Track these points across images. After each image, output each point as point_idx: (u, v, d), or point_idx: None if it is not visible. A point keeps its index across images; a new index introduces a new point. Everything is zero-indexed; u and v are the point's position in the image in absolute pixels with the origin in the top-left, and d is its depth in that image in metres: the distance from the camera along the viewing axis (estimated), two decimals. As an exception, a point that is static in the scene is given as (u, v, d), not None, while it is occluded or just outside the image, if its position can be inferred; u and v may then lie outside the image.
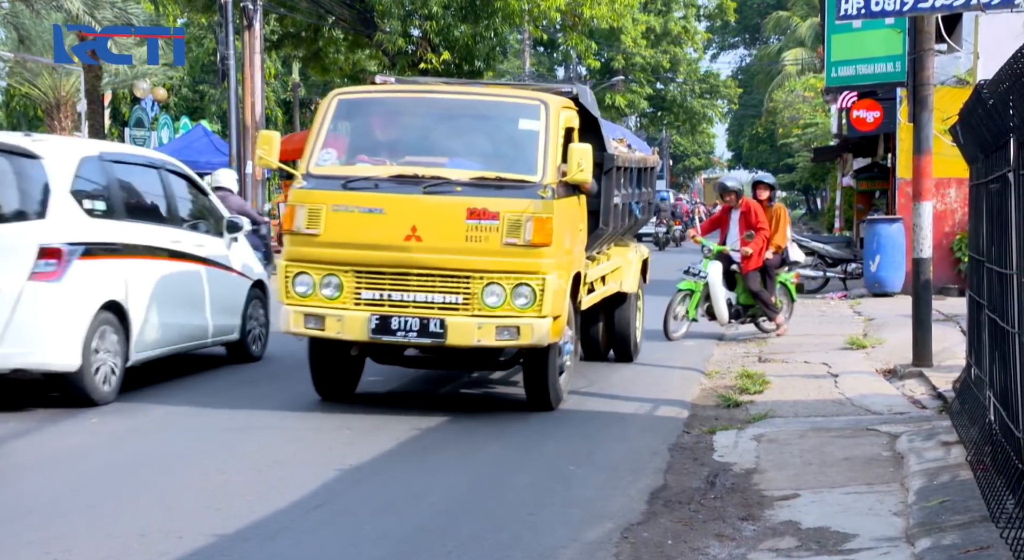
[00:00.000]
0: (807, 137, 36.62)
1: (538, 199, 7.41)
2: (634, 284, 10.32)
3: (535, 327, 7.34)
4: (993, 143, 5.71)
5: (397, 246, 7.40)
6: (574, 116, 8.35)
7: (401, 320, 7.40)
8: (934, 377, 8.90)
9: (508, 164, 7.76)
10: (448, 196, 7.45)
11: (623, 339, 10.32)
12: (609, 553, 4.97)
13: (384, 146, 8.22)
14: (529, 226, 7.35)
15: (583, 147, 7.71)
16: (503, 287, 7.35)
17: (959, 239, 15.08)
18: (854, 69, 15.60)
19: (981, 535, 4.67)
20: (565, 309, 7.64)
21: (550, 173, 7.57)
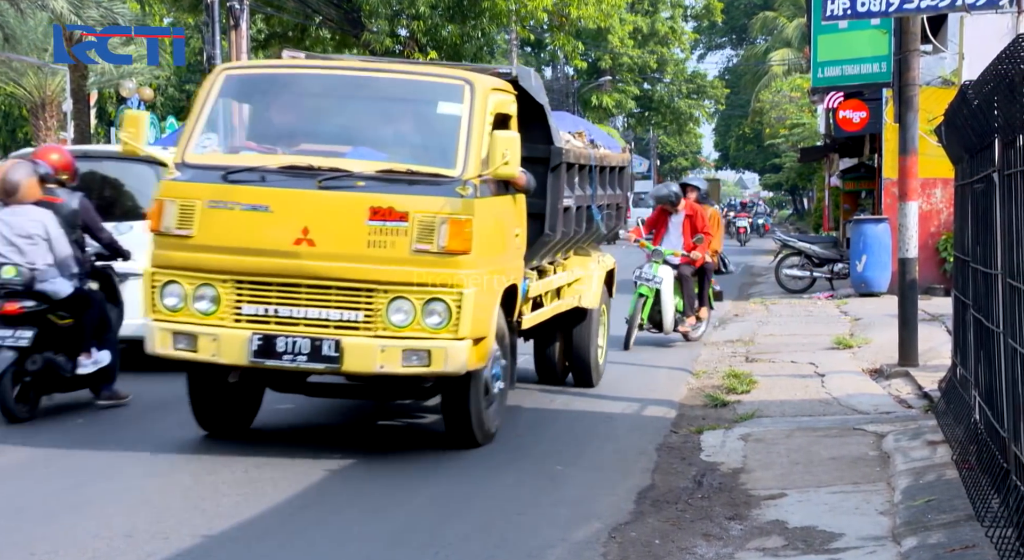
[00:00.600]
0: (794, 137, 36.72)
1: (456, 198, 6.21)
2: (596, 299, 9.02)
3: (449, 351, 6.13)
4: (978, 143, 5.74)
5: (285, 251, 6.22)
6: (510, 102, 7.14)
7: (289, 341, 6.17)
8: (920, 377, 8.94)
9: (422, 155, 6.63)
10: (348, 192, 6.28)
11: (582, 361, 8.98)
12: (597, 553, 4.97)
13: (276, 131, 7.04)
14: (444, 229, 6.16)
15: (508, 135, 6.49)
16: (412, 302, 6.14)
17: (945, 239, 15.14)
18: (840, 70, 15.66)
19: (967, 534, 4.70)
20: (491, 329, 6.49)
21: (472, 167, 6.34)
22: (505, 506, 5.74)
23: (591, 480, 6.30)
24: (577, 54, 27.71)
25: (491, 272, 6.52)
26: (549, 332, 8.80)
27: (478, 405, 6.65)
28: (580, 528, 5.33)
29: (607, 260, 9.60)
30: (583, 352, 8.95)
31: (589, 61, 43.45)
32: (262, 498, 5.71)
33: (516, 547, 5.03)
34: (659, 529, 5.34)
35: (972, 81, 5.47)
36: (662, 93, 49.98)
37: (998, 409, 5.08)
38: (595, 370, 9.11)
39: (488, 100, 6.70)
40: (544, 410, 8.28)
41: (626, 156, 10.35)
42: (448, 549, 4.99)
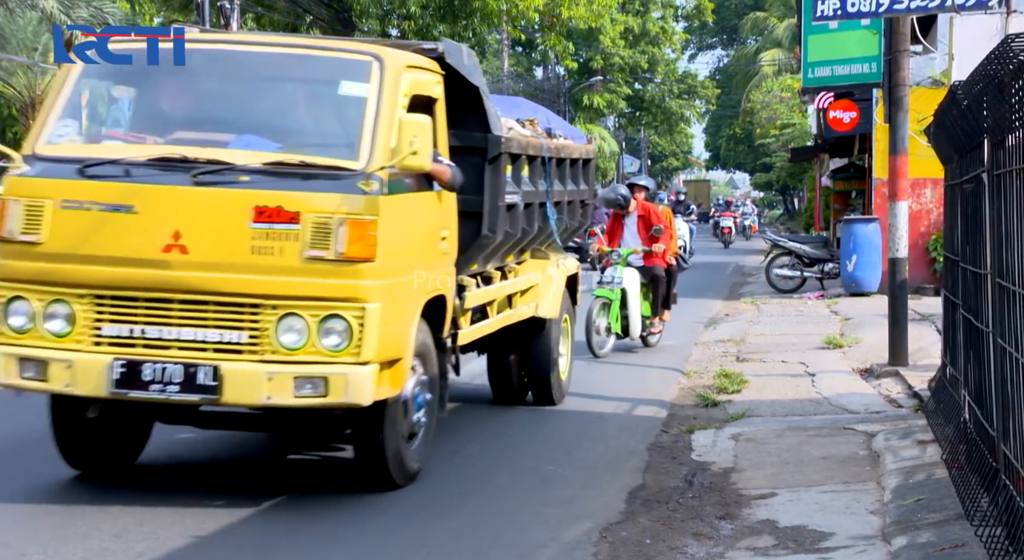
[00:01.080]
0: (784, 137, 36.79)
1: (357, 194, 5.28)
2: (555, 307, 8.11)
3: (350, 378, 5.19)
4: (967, 144, 5.76)
5: (153, 260, 5.27)
6: (433, 82, 6.21)
7: (157, 368, 5.21)
8: (910, 376, 8.96)
9: (320, 144, 5.72)
10: (228, 189, 5.34)
11: (541, 377, 8.12)
12: (588, 552, 4.98)
13: (147, 118, 6.03)
14: (342, 232, 5.22)
15: (416, 119, 5.50)
16: (305, 320, 5.21)
17: (934, 239, 15.18)
18: (830, 70, 15.69)
19: (956, 533, 4.71)
20: (407, 349, 5.58)
21: (380, 158, 5.41)
22: (496, 506, 5.74)
23: (582, 480, 6.31)
24: (568, 54, 27.76)
25: (406, 282, 5.62)
26: (503, 345, 8.02)
27: (394, 440, 5.68)
28: (571, 528, 5.34)
29: (569, 264, 8.70)
30: (542, 367, 8.10)
31: (580, 61, 43.49)
32: (248, 499, 5.69)
33: (507, 547, 5.04)
34: (650, 529, 5.35)
35: (962, 81, 5.49)
36: (653, 93, 50.02)
37: (987, 408, 5.09)
38: (556, 386, 8.26)
39: (401, 79, 5.73)
40: (535, 410, 8.28)
41: (590, 148, 9.37)
42: (439, 549, 4.99)
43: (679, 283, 12.42)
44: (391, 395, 5.52)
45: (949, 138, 6.37)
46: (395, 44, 6.53)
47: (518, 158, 7.20)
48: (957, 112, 5.69)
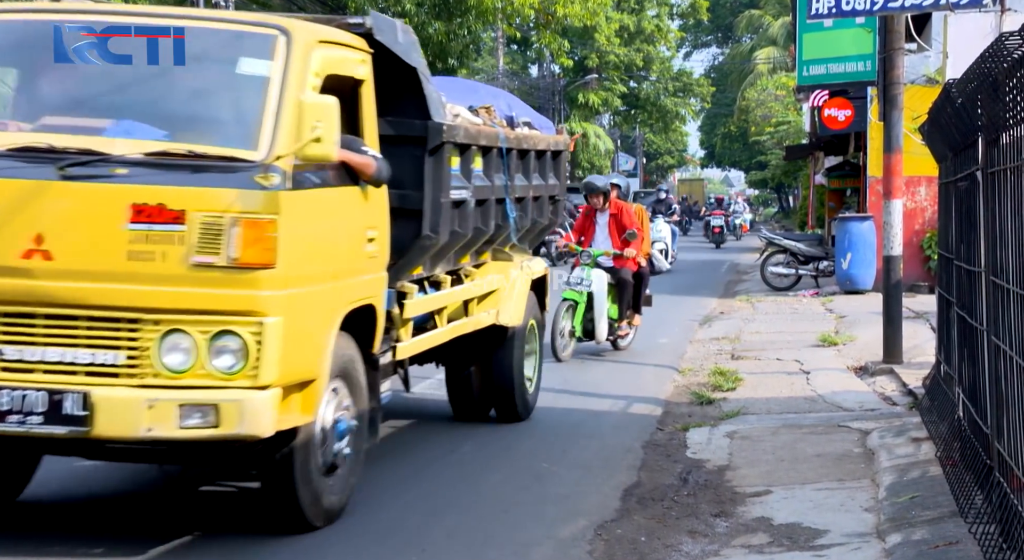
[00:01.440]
0: (779, 135, 36.82)
1: (254, 189, 4.56)
2: (518, 314, 7.42)
3: (246, 405, 4.48)
4: (962, 142, 5.77)
5: (11, 268, 4.56)
6: (357, 61, 5.39)
7: (15, 395, 4.47)
8: (904, 374, 8.98)
9: (214, 131, 4.89)
10: (101, 183, 4.59)
11: (504, 391, 7.45)
12: (583, 550, 4.98)
13: (9, 100, 5.19)
14: (235, 234, 4.50)
15: (320, 101, 4.77)
16: (193, 338, 4.50)
17: (929, 237, 15.21)
18: (825, 68, 15.71)
19: (950, 530, 4.72)
20: (321, 369, 4.88)
21: (282, 147, 4.66)
22: (491, 504, 5.74)
23: (577, 477, 6.31)
24: (563, 52, 27.73)
25: (318, 291, 4.90)
26: (462, 356, 7.36)
27: (308, 475, 4.92)
28: (566, 525, 5.34)
29: (535, 266, 7.94)
30: (505, 379, 7.41)
31: (575, 59, 43.50)
32: (248, 496, 5.68)
33: (502, 544, 5.04)
34: (645, 526, 5.35)
35: (956, 80, 5.50)
36: (648, 91, 50.03)
37: (981, 406, 5.10)
38: (522, 400, 7.58)
39: (312, 56, 4.94)
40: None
41: (562, 139, 8.50)
42: (434, 547, 4.99)
43: (673, 281, 12.38)
44: (302, 423, 4.81)
45: (943, 136, 6.38)
46: (316, 18, 5.70)
47: (467, 149, 6.41)
48: (951, 110, 5.70)
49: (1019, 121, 4.00)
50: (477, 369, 7.51)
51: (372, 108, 5.53)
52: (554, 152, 8.20)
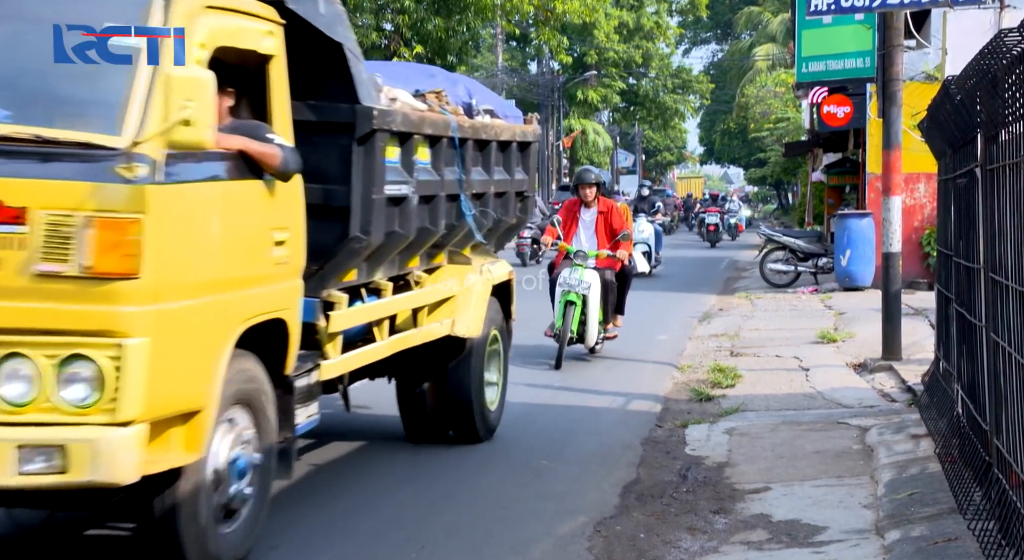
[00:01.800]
0: (778, 132, 36.84)
1: (114, 182, 3.80)
2: (476, 323, 6.62)
3: (101, 446, 3.76)
4: (961, 138, 5.77)
5: None
6: (261, 34, 4.59)
7: None
8: (903, 370, 8.98)
9: (69, 112, 4.09)
10: None
11: (460, 409, 6.65)
12: (582, 547, 4.99)
13: None
14: (88, 237, 3.77)
15: (192, 76, 3.96)
16: (35, 363, 3.80)
17: (928, 234, 15.21)
18: (824, 65, 15.71)
19: (949, 527, 4.72)
20: (208, 398, 4.12)
21: (152, 129, 3.88)
22: (490, 500, 5.74)
23: (576, 474, 6.31)
24: (562, 49, 27.72)
25: (202, 306, 4.09)
26: (414, 370, 6.62)
27: (195, 523, 4.19)
28: (565, 522, 5.35)
29: (498, 270, 7.10)
30: (462, 396, 6.63)
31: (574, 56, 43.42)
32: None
33: (501, 541, 5.04)
34: (644, 523, 5.35)
35: (955, 76, 5.50)
36: (647, 88, 50.04)
37: (980, 403, 5.11)
38: (482, 419, 6.80)
39: (197, 24, 4.14)
40: (529, 404, 8.29)
41: (531, 129, 7.54)
42: (433, 544, 4.99)
43: (671, 278, 12.32)
44: (186, 462, 4.07)
45: (942, 133, 6.37)
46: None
47: (409, 138, 5.58)
48: (950, 107, 5.70)
49: (1018, 118, 4.00)
50: (432, 385, 6.68)
51: (283, 89, 4.73)
52: (521, 144, 7.32)
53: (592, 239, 10.09)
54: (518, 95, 45.26)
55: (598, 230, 10.09)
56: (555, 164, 45.27)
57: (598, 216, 10.10)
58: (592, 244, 10.06)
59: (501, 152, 7.02)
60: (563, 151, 46.06)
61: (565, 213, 10.23)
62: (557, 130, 45.96)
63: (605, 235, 10.05)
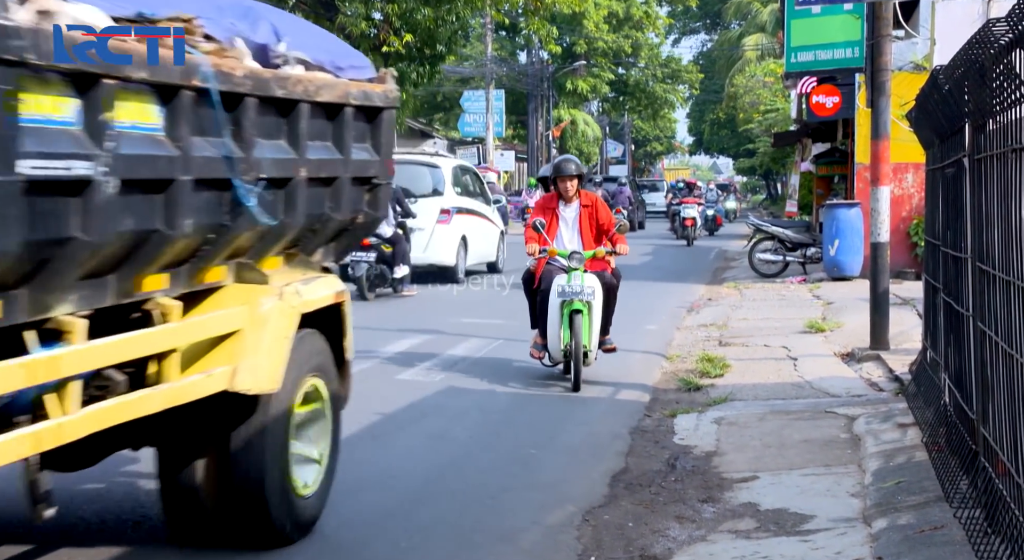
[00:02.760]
0: (767, 122, 36.87)
1: None
2: (272, 374, 4.43)
3: None
4: (948, 128, 5.78)
5: None
6: None
7: None
8: (891, 360, 9.02)
9: None
10: None
11: (249, 498, 4.49)
12: (571, 536, 5.00)
13: None
14: None
15: None
16: None
17: (916, 224, 15.25)
18: (813, 55, 15.72)
19: (935, 515, 4.75)
20: None
21: None
22: (478, 490, 5.75)
23: (565, 464, 6.32)
24: (552, 39, 27.68)
25: None
26: (181, 441, 4.50)
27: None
28: (554, 511, 5.35)
29: (315, 290, 4.87)
30: (250, 479, 4.48)
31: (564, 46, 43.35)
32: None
33: (489, 531, 5.05)
34: (632, 512, 5.37)
35: (943, 66, 5.50)
36: (637, 78, 50.06)
37: (967, 391, 5.13)
38: (287, 509, 4.66)
39: None
40: (517, 394, 8.30)
41: (382, 89, 5.31)
42: (422, 533, 5.00)
43: (660, 268, 12.27)
44: None
45: (931, 123, 6.39)
46: None
47: (95, 83, 3.39)
48: (938, 97, 5.71)
49: (1006, 108, 4.01)
50: (210, 462, 4.51)
51: None
52: (365, 109, 5.17)
53: (576, 239, 8.64)
54: (507, 85, 45.23)
55: (582, 228, 8.66)
56: (545, 154, 45.24)
57: (581, 211, 8.69)
58: (576, 245, 8.62)
59: (326, 120, 4.86)
60: (552, 141, 46.02)
61: (541, 211, 8.72)
62: (547, 120, 45.91)
63: (591, 233, 8.66)
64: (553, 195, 8.83)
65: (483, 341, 10.79)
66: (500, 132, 43.78)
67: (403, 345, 10.51)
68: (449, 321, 12.21)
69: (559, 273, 8.44)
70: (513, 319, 12.41)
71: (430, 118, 49.39)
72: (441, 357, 9.85)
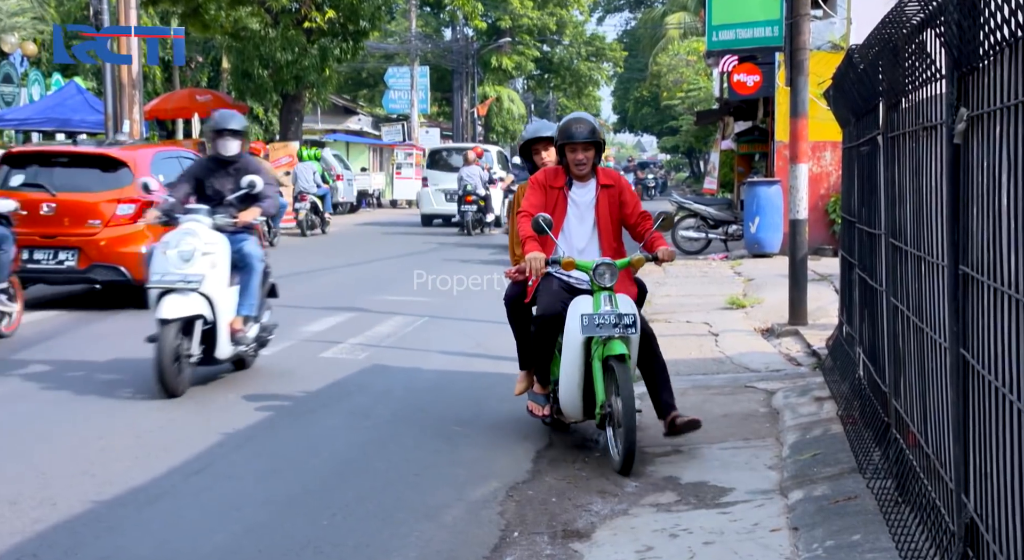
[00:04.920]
0: (690, 100, 37.19)
1: None
2: None
3: None
4: (864, 107, 5.88)
5: None
6: None
7: None
8: (809, 335, 9.19)
9: None
10: None
11: None
12: (494, 512, 5.02)
13: None
14: None
15: None
16: None
17: (834, 201, 15.53)
18: (734, 33, 15.88)
19: (849, 486, 4.86)
20: None
21: None
22: (403, 467, 5.74)
23: (489, 440, 6.34)
24: (477, 15, 27.57)
25: None
26: None
27: None
28: (478, 487, 5.37)
29: None
30: None
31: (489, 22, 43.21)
32: (154, 463, 5.62)
33: (413, 507, 5.05)
34: (556, 487, 5.40)
35: (858, 45, 5.59)
36: (561, 55, 50.09)
37: (880, 365, 5.25)
38: None
39: None
40: (443, 371, 8.29)
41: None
42: (344, 511, 4.98)
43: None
44: None
45: (847, 101, 6.49)
46: None
47: None
48: (854, 76, 5.80)
49: (918, 86, 4.09)
50: None
51: None
52: None
53: (593, 238, 5.91)
54: (432, 62, 44.93)
55: (600, 221, 5.90)
56: (470, 132, 45.09)
57: (600, 196, 5.91)
58: (594, 248, 5.91)
59: None
60: (478, 118, 45.88)
61: (539, 195, 5.91)
62: (472, 97, 45.74)
63: (612, 229, 5.92)
64: (558, 169, 5.98)
65: (408, 319, 10.76)
66: (425, 109, 43.53)
67: (327, 323, 10.43)
68: (374, 299, 12.14)
69: (571, 292, 5.81)
70: (436, 297, 12.41)
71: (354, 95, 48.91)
72: (365, 335, 9.81)
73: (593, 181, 6.00)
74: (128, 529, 4.67)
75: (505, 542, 4.61)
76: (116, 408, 6.88)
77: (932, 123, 3.83)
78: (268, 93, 26.43)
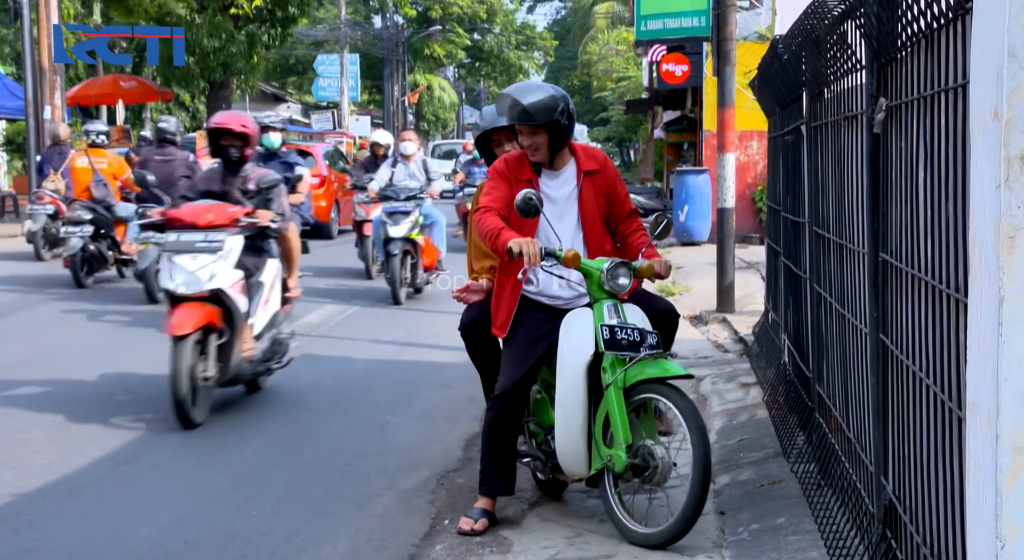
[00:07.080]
0: (620, 90, 37.40)
1: None
2: None
3: None
4: (788, 97, 5.97)
5: None
6: None
7: None
8: (736, 322, 9.31)
9: None
10: None
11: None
12: (424, 500, 5.02)
13: None
14: None
15: None
16: None
17: (760, 190, 15.74)
18: (662, 23, 16.01)
19: (774, 470, 4.95)
20: None
21: None
22: (333, 457, 5.72)
23: (420, 429, 6.34)
24: (407, 3, 27.40)
25: None
26: None
27: None
28: (408, 476, 5.37)
29: None
30: None
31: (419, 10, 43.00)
32: (77, 455, 5.52)
33: (343, 497, 5.03)
34: (486, 475, 5.41)
35: (782, 36, 5.67)
36: (492, 44, 50.05)
37: (804, 351, 5.35)
38: None
39: None
40: (374, 360, 8.26)
41: None
42: (274, 501, 4.95)
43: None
44: None
45: (772, 91, 6.58)
46: None
47: None
48: (778, 66, 5.89)
49: (839, 76, 4.17)
50: None
51: None
52: None
53: (577, 241, 4.54)
54: (362, 49, 44.60)
55: (587, 220, 4.55)
56: (401, 120, 44.88)
57: (583, 184, 4.54)
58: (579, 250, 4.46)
59: None
60: (409, 106, 45.67)
61: (503, 187, 4.49)
62: (402, 85, 45.52)
63: (601, 224, 4.59)
64: (521, 155, 4.58)
65: (339, 307, 10.69)
66: (355, 97, 43.20)
67: (255, 313, 10.32)
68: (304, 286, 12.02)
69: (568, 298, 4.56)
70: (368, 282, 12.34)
71: (283, 82, 48.37)
72: (296, 325, 9.71)
73: (571, 166, 4.54)
74: (49, 522, 4.59)
75: (435, 530, 4.62)
76: (35, 400, 6.75)
77: (853, 113, 3.90)
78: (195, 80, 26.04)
